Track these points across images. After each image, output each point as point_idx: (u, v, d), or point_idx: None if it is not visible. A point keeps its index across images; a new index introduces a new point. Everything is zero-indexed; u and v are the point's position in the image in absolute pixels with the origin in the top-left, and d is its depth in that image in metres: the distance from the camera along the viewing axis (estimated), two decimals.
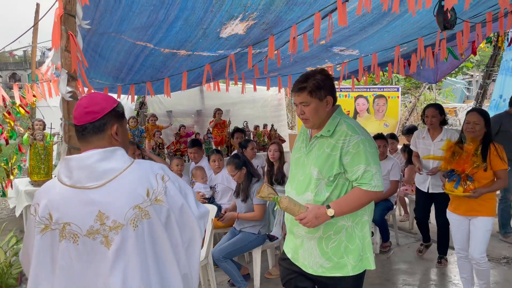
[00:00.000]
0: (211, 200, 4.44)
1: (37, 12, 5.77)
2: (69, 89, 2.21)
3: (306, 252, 2.18)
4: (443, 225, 3.97)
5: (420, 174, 4.21)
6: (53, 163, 5.31)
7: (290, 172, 2.30)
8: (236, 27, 2.85)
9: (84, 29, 2.61)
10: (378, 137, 4.87)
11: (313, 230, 2.10)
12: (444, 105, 13.03)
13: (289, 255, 2.29)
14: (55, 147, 5.67)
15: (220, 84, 5.76)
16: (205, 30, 2.85)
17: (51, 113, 6.36)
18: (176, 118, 7.86)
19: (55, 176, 2.17)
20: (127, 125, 6.03)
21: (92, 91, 4.64)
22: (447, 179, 3.18)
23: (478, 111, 3.23)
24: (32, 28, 5.76)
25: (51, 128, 5.75)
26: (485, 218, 3.14)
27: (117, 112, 1.54)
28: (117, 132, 1.53)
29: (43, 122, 5.55)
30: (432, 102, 13.08)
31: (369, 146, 2.07)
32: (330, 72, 5.07)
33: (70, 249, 1.43)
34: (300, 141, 2.31)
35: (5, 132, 4.28)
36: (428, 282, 3.97)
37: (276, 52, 3.49)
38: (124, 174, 1.44)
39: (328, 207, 2.03)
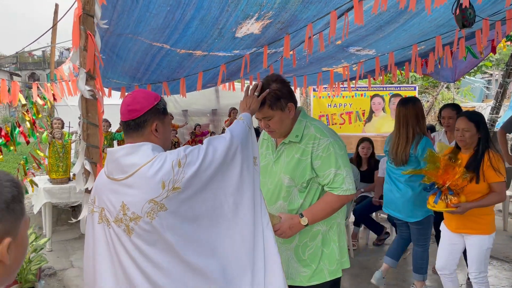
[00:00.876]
0: None
1: (56, 12, 5.87)
2: (88, 87, 2.25)
3: (282, 263, 2.07)
4: None
5: None
6: (71, 161, 5.40)
7: None
8: (252, 27, 2.84)
9: (102, 29, 2.65)
10: None
11: (288, 240, 2.06)
12: (462, 104, 12.84)
13: None
14: (73, 145, 5.77)
15: (235, 83, 5.78)
16: (221, 30, 2.86)
17: (69, 112, 6.47)
18: (191, 117, 7.93)
19: (73, 174, 2.24)
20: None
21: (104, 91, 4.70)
22: (428, 193, 2.85)
23: (467, 115, 2.84)
24: (51, 28, 5.86)
25: (69, 126, 5.85)
26: (480, 237, 2.78)
27: (158, 110, 1.64)
28: (157, 128, 1.62)
29: (62, 121, 5.65)
30: (450, 101, 12.89)
31: (338, 149, 2.02)
32: (346, 72, 5.04)
33: (105, 231, 1.57)
34: (264, 147, 2.24)
35: (24, 130, 4.37)
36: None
37: (291, 52, 3.47)
38: (144, 169, 1.50)
39: (301, 215, 1.98)
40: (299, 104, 8.19)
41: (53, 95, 4.78)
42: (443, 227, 3.03)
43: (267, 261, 1.66)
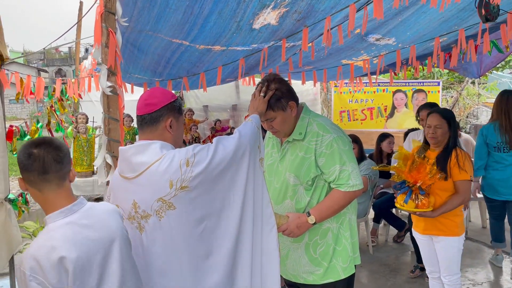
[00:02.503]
0: None
1: (80, 10, 6.01)
2: (109, 83, 2.31)
3: (293, 262, 2.10)
4: None
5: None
6: (95, 155, 5.54)
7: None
8: (268, 16, 2.84)
9: (123, 26, 2.70)
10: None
11: (298, 238, 2.04)
12: (488, 100, 12.42)
13: None
14: (97, 139, 5.91)
15: (256, 78, 5.80)
16: (239, 23, 2.88)
17: (93, 107, 6.62)
18: (212, 112, 7.99)
19: (97, 168, 2.33)
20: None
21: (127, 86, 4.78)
22: (398, 191, 2.73)
23: (439, 112, 2.79)
24: (76, 25, 6.01)
25: (93, 121, 6.00)
26: (449, 239, 2.72)
27: (174, 107, 1.65)
28: (171, 125, 1.63)
29: (86, 116, 5.81)
30: (475, 97, 12.54)
31: (342, 144, 1.98)
32: (367, 65, 4.98)
33: None
34: (270, 146, 2.22)
35: (50, 126, 4.51)
36: (465, 281, 3.86)
37: (310, 44, 3.46)
38: (153, 168, 1.52)
39: (309, 214, 1.96)
40: (319, 100, 8.14)
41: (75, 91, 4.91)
42: (413, 232, 2.98)
43: (264, 268, 1.67)
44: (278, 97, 1.97)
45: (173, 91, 5.00)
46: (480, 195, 5.17)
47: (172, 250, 1.52)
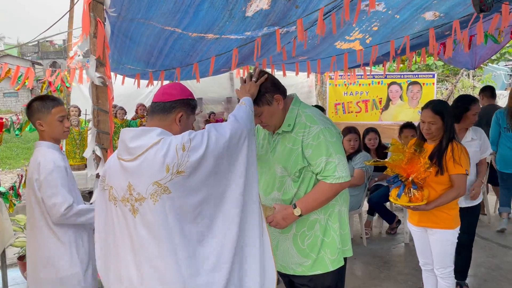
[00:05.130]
0: None
1: (72, 1, 5.93)
2: (98, 74, 2.27)
3: (283, 253, 2.10)
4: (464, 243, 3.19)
5: None
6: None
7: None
8: (261, 3, 2.80)
9: (114, 16, 2.66)
10: (407, 126, 4.70)
11: (286, 229, 2.04)
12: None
13: None
14: (89, 132, 5.87)
15: (250, 70, 5.76)
16: (231, 11, 2.84)
17: (85, 100, 6.56)
18: (206, 105, 7.96)
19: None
20: None
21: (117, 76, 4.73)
22: (391, 186, 2.70)
23: (432, 107, 2.73)
24: (68, 17, 5.93)
25: (86, 114, 5.94)
26: (443, 232, 2.72)
27: (189, 103, 1.69)
28: (180, 119, 1.66)
29: (79, 109, 5.75)
30: (470, 89, 12.55)
31: (329, 136, 1.97)
32: (361, 54, 4.88)
33: (113, 210, 1.63)
34: (261, 137, 2.22)
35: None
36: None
37: (304, 32, 3.40)
38: (149, 152, 1.53)
39: (295, 206, 1.96)
40: (314, 92, 8.04)
41: (64, 82, 4.85)
42: (408, 224, 2.98)
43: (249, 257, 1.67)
44: (262, 92, 1.98)
45: (166, 82, 4.99)
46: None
47: (166, 234, 1.51)
